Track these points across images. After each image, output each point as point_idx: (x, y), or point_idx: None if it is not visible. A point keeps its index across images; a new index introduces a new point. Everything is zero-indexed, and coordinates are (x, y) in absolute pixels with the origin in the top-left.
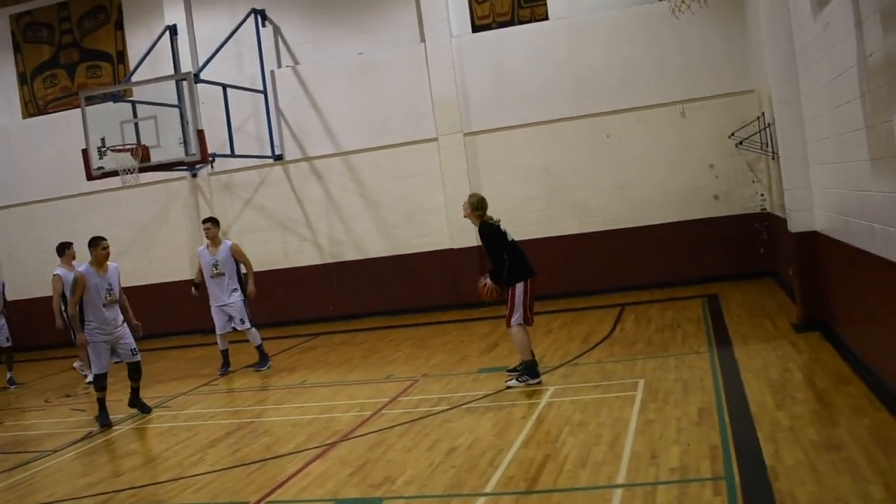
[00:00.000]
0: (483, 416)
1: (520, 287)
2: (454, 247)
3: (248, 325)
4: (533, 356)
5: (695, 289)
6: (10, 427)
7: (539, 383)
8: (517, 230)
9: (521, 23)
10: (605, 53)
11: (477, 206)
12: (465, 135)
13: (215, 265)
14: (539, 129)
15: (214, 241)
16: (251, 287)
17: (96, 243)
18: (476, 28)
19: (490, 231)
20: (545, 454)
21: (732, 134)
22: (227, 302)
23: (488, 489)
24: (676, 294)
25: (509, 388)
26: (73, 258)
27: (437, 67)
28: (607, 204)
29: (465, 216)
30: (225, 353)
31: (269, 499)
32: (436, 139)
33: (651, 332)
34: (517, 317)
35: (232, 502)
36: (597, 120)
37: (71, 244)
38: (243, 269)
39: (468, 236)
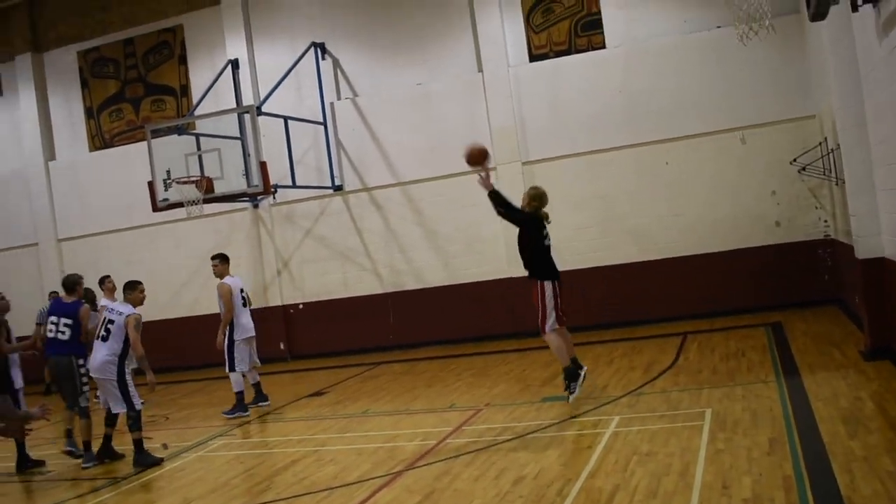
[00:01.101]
0: (549, 446)
1: (549, 287)
2: (513, 275)
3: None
4: (572, 361)
5: (757, 317)
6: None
7: (584, 377)
8: (573, 258)
9: (578, 52)
10: (663, 80)
11: (533, 198)
12: (524, 163)
13: (245, 294)
14: (596, 158)
15: (221, 278)
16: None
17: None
18: (533, 57)
19: (528, 218)
20: (614, 484)
21: (794, 160)
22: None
23: None
24: (739, 322)
25: (570, 399)
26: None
27: (495, 97)
28: (665, 231)
29: (521, 206)
30: (258, 386)
31: None
32: (494, 168)
33: (715, 361)
34: (551, 322)
35: None
36: (654, 147)
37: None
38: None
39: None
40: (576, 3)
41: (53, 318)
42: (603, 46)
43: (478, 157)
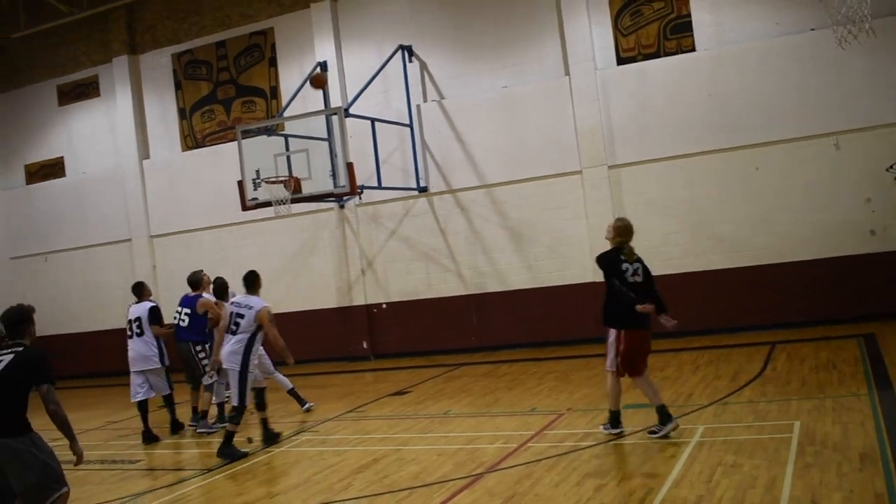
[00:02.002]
0: (632, 453)
1: (612, 333)
2: (597, 280)
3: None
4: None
5: (850, 328)
6: (167, 445)
7: (620, 433)
8: (660, 265)
9: (666, 55)
10: (754, 84)
11: (620, 232)
12: (610, 167)
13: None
14: (684, 162)
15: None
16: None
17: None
18: (621, 60)
19: (605, 257)
20: (698, 495)
21: (891, 166)
22: None
23: None
24: (830, 333)
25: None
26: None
27: (582, 100)
28: (754, 238)
29: (606, 238)
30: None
31: None
32: (580, 172)
33: (805, 372)
34: (609, 360)
35: None
36: (744, 152)
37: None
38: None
39: None
40: (665, 5)
41: (178, 309)
42: (692, 49)
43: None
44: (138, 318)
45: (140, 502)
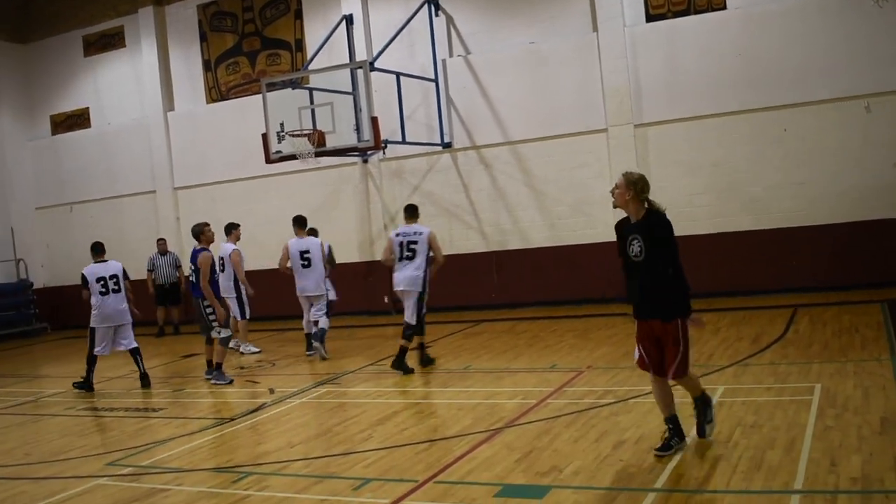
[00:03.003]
0: (651, 412)
1: (687, 320)
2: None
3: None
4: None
5: (874, 293)
6: (191, 394)
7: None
8: (685, 225)
9: (697, 12)
10: (785, 44)
11: (642, 188)
12: (636, 126)
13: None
14: (712, 122)
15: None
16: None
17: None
18: (650, 17)
19: (669, 227)
20: (717, 454)
21: None
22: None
23: (658, 485)
24: (854, 297)
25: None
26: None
27: (609, 57)
28: (781, 201)
29: (617, 204)
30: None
31: (437, 479)
32: (605, 130)
33: (827, 336)
34: (690, 359)
35: (401, 479)
36: (773, 113)
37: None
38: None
39: None
40: None
41: (190, 265)
42: (723, 7)
43: None
44: (115, 276)
45: (163, 449)
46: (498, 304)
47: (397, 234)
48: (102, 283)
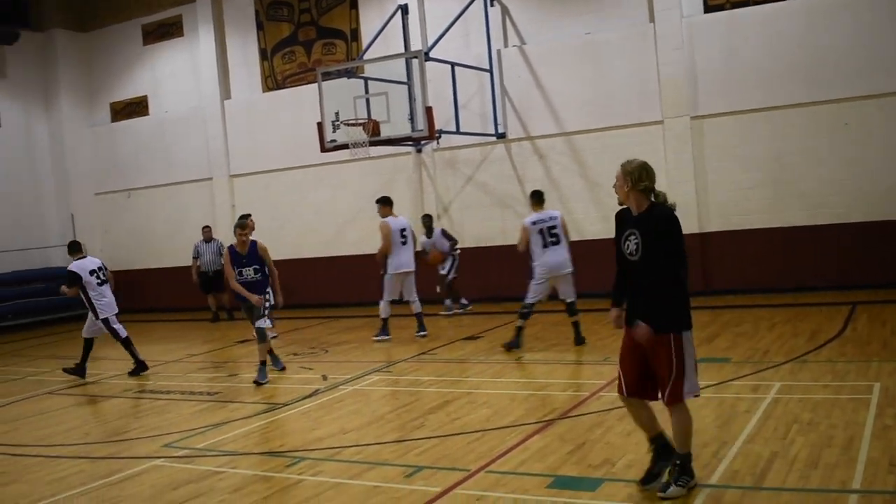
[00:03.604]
0: (705, 407)
1: (688, 337)
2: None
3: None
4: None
5: None
6: (245, 379)
7: (694, 485)
8: (740, 219)
9: (756, 3)
10: (847, 36)
11: (639, 177)
12: (692, 118)
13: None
14: (770, 115)
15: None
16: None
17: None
18: (708, 8)
19: (676, 221)
20: (773, 451)
21: None
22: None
23: (713, 481)
24: None
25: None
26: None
27: (666, 48)
28: (840, 196)
29: (618, 194)
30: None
31: (488, 468)
32: (661, 122)
33: (887, 335)
34: (690, 384)
35: (453, 468)
36: (834, 107)
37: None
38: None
39: (689, 222)
40: None
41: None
42: None
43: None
44: (101, 268)
45: (217, 432)
46: (550, 296)
47: (534, 223)
48: (95, 275)
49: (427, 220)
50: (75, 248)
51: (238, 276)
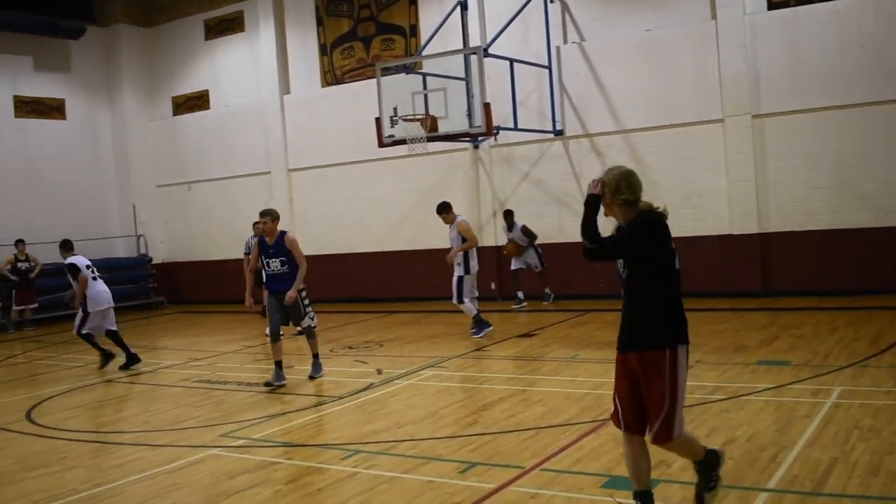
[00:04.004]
0: (763, 410)
1: (682, 354)
2: (734, 233)
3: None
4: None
5: None
6: (300, 371)
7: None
8: (802, 220)
9: (821, 0)
10: None
11: (617, 188)
12: (754, 117)
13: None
14: (834, 114)
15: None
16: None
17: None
18: (772, 5)
19: (642, 228)
20: (833, 457)
21: None
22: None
23: (771, 485)
24: None
25: None
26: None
27: (728, 46)
28: None
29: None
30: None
31: (543, 466)
32: (721, 120)
33: None
34: (678, 423)
35: (507, 465)
36: None
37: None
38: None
39: (749, 222)
40: None
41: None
42: None
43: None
44: (90, 266)
45: (273, 423)
46: (605, 295)
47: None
48: (91, 270)
49: (508, 215)
50: (68, 247)
51: (266, 267)
